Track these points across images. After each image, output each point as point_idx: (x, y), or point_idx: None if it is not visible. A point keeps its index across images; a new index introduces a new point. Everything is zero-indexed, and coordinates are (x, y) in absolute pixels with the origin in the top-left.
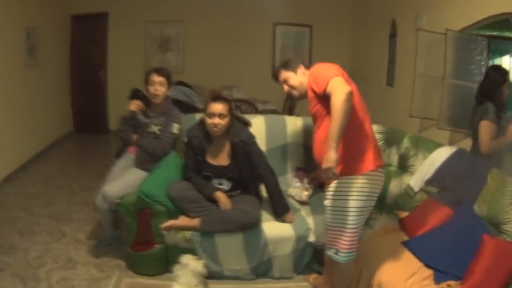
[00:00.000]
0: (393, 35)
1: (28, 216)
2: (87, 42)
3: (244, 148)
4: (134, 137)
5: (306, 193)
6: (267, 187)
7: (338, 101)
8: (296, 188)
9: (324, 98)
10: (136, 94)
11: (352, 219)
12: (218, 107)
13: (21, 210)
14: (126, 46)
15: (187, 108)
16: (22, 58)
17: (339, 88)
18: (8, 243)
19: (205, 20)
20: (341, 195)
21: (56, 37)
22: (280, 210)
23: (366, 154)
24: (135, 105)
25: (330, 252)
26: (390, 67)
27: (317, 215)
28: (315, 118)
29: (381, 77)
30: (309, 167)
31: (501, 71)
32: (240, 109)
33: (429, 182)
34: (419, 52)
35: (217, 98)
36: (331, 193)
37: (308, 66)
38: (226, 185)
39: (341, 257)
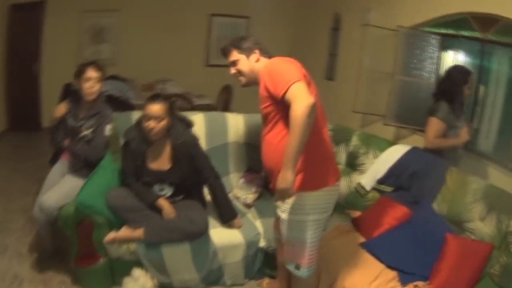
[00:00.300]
0: (335, 29)
1: None
2: (23, 33)
3: (187, 151)
4: (66, 142)
5: (251, 196)
6: (212, 191)
7: (299, 115)
8: (242, 190)
9: (280, 102)
10: (68, 91)
11: (310, 233)
12: (154, 108)
13: None
14: (61, 37)
15: (122, 104)
16: None
17: (302, 98)
18: None
19: (142, 9)
20: (298, 210)
21: None
22: (227, 215)
23: (325, 168)
24: (60, 110)
25: (290, 267)
26: (330, 60)
27: (265, 218)
28: (266, 119)
29: (320, 70)
30: (253, 167)
31: (463, 71)
32: (175, 104)
33: (382, 180)
34: (366, 47)
35: (154, 97)
36: (287, 206)
37: (267, 53)
38: (167, 191)
39: (303, 273)
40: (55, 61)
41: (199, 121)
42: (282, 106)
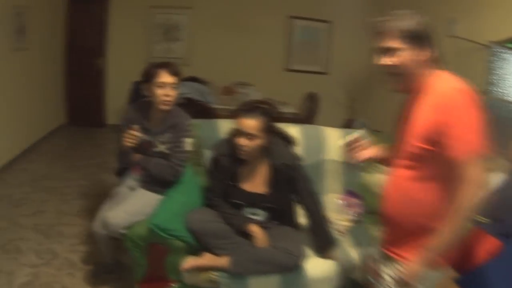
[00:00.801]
0: None
1: (12, 228)
2: (84, 26)
3: (288, 174)
4: (136, 157)
5: (346, 223)
6: (310, 217)
7: (469, 205)
8: (337, 214)
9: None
10: (137, 90)
11: None
12: (248, 124)
13: (5, 220)
14: (127, 33)
15: (203, 110)
16: (8, 39)
17: (479, 184)
18: None
19: (217, 8)
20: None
21: (50, 18)
22: (325, 245)
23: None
24: (131, 139)
25: None
26: None
27: (361, 247)
28: (408, 155)
29: None
30: (352, 189)
31: None
32: (273, 119)
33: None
34: (449, 60)
35: (250, 110)
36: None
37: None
38: (261, 216)
39: None
40: (121, 57)
41: (295, 135)
42: (439, 157)
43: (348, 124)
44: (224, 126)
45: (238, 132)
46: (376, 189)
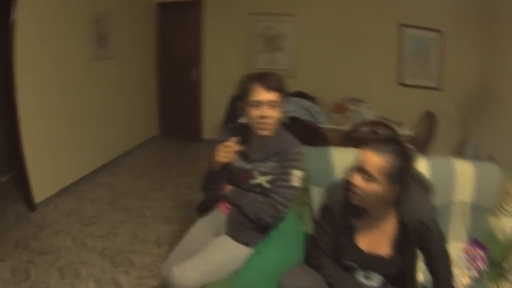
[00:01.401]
0: None
1: (76, 249)
2: (178, 34)
3: (421, 232)
4: (227, 189)
5: (466, 280)
6: (437, 282)
7: None
8: (456, 268)
9: None
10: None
11: None
12: (373, 161)
13: (70, 238)
14: (226, 41)
15: (311, 132)
16: (89, 48)
17: None
18: (42, 284)
19: (321, 16)
20: None
21: (138, 26)
22: None
23: None
24: (226, 154)
25: None
26: None
27: None
28: None
29: None
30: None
31: None
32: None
33: None
34: None
35: (380, 143)
36: None
37: None
38: (376, 281)
39: None
40: (219, 67)
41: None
42: None
43: (460, 147)
44: (339, 157)
45: (356, 167)
46: (502, 237)
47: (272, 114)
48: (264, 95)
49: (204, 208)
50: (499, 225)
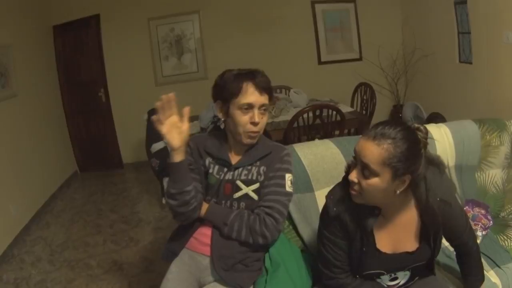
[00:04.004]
0: (460, 2)
1: None
2: (77, 55)
3: (444, 212)
4: (204, 208)
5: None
6: (465, 258)
7: None
8: None
9: None
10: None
11: None
12: (371, 152)
13: None
14: (127, 54)
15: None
16: None
17: None
18: None
19: (229, 6)
20: None
21: (37, 54)
22: (478, 283)
23: None
24: (174, 128)
25: None
26: (461, 40)
27: (502, 267)
28: None
29: (451, 52)
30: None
31: None
32: (321, 119)
33: None
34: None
35: (378, 126)
36: None
37: None
38: (402, 278)
39: None
40: (125, 84)
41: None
42: None
43: (397, 111)
44: (304, 153)
45: (353, 161)
46: (494, 189)
47: (264, 121)
48: (256, 97)
49: (170, 252)
50: (488, 178)
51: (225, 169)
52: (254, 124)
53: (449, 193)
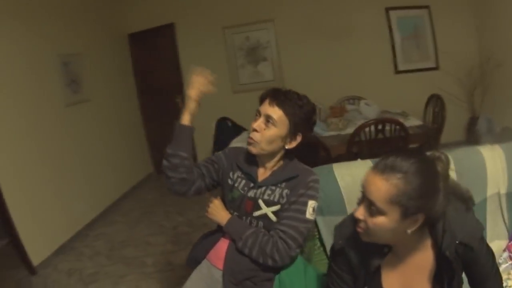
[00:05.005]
0: None
1: None
2: (154, 62)
3: (466, 256)
4: (224, 219)
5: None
6: None
7: None
8: (504, 273)
9: None
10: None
11: None
12: (378, 188)
13: None
14: (204, 62)
15: (307, 146)
16: (60, 95)
17: None
18: None
19: (302, 15)
20: None
21: (112, 61)
22: None
23: None
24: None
25: None
26: None
27: None
28: None
29: None
30: None
31: None
32: (384, 133)
33: None
34: None
35: (388, 158)
36: None
37: None
38: None
39: None
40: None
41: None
42: None
43: (474, 123)
44: (343, 174)
45: (361, 196)
46: None
47: (266, 133)
48: (266, 106)
49: (193, 259)
50: None
51: (251, 185)
52: (254, 130)
53: (473, 235)
